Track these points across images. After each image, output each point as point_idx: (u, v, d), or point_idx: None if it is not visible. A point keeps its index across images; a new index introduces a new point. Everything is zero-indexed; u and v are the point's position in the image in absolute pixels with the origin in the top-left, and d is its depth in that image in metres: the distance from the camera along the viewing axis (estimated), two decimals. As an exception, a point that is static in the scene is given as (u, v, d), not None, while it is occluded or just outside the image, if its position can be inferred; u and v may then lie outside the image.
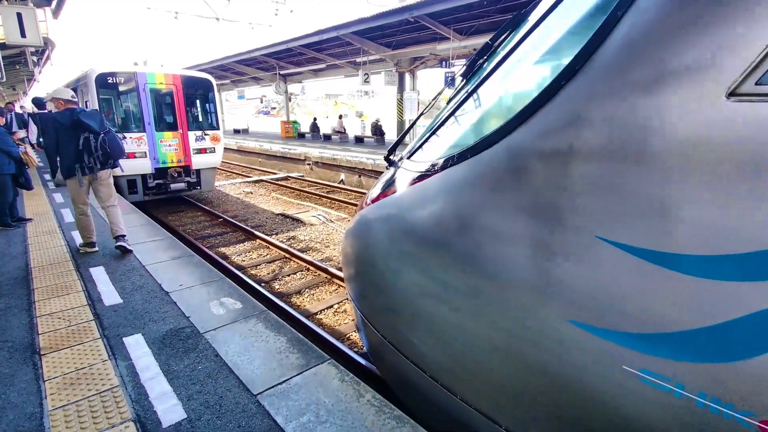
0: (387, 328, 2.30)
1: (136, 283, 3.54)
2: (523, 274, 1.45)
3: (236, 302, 3.19)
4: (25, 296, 3.29)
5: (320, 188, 13.69)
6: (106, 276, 3.68)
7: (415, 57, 15.38)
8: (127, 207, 6.67)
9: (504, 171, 1.55)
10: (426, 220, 1.94)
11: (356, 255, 2.62)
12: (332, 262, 7.01)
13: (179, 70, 10.10)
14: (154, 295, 3.32)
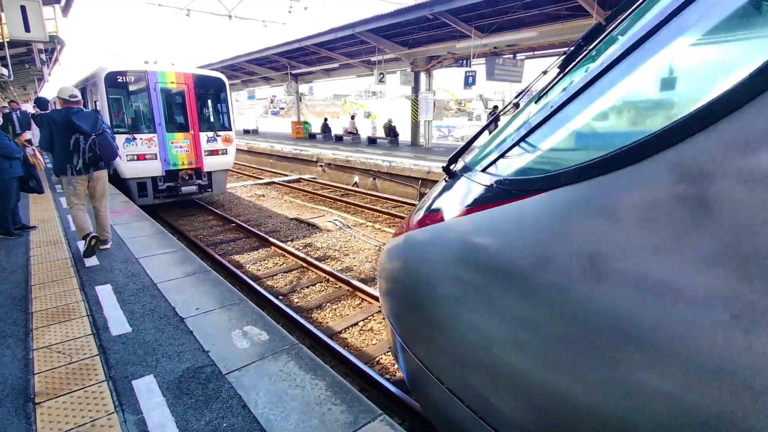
0: (438, 365, 1.91)
1: (147, 306, 3.13)
2: (695, 343, 1.00)
3: (262, 332, 2.75)
4: (22, 322, 2.89)
5: (334, 191, 13.28)
6: (113, 297, 3.27)
7: (432, 56, 14.92)
8: (136, 213, 6.28)
9: (670, 197, 1.09)
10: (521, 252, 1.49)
11: (403, 278, 2.19)
12: (353, 273, 6.58)
13: (191, 69, 9.73)
14: (167, 321, 2.90)
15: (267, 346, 2.60)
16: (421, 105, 15.73)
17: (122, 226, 5.43)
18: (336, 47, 16.00)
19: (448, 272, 1.92)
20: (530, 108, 2.02)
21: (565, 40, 10.49)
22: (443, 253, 1.95)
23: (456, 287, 1.86)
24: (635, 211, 1.14)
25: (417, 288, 2.12)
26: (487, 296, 1.65)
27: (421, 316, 2.05)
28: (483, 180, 1.82)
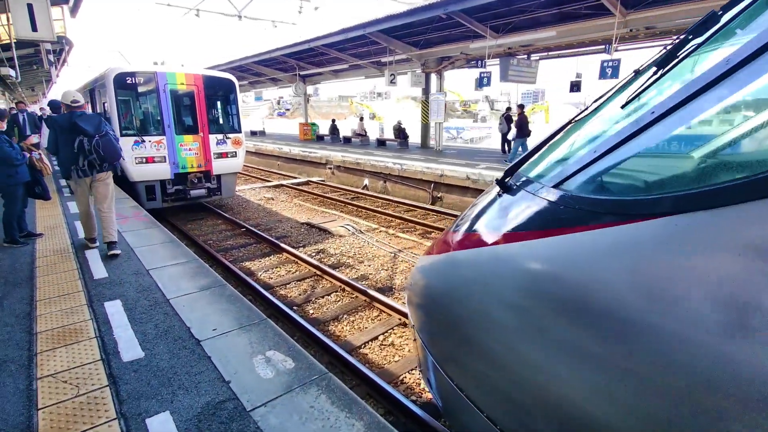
0: (479, 393, 1.73)
1: (161, 326, 2.89)
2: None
3: (286, 358, 2.50)
4: (26, 344, 2.66)
5: (344, 194, 13.04)
6: (123, 315, 3.03)
7: (443, 57, 14.65)
8: (146, 219, 6.06)
9: None
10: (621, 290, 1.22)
11: (445, 299, 1.98)
12: (369, 282, 6.33)
13: (200, 70, 9.53)
14: (182, 345, 2.66)
15: (294, 375, 2.35)
16: (432, 106, 15.46)
17: (132, 234, 5.20)
18: (346, 48, 15.77)
19: (507, 300, 1.67)
20: (611, 111, 1.76)
21: (583, 39, 10.19)
22: (503, 279, 1.69)
23: (516, 317, 1.61)
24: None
25: (462, 311, 1.89)
26: (561, 333, 1.38)
27: (463, 340, 1.86)
28: (560, 198, 1.55)
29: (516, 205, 1.81)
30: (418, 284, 2.33)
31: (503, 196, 1.98)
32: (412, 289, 2.37)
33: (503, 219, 1.82)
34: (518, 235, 1.67)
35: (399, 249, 7.77)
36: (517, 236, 1.68)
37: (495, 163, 12.31)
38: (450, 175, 11.24)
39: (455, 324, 1.93)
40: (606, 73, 8.80)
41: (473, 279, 1.87)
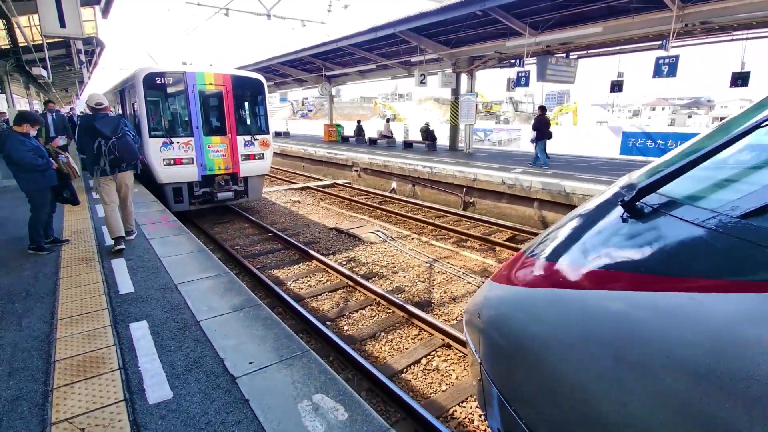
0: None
1: (191, 356, 2.53)
2: None
3: (337, 405, 2.10)
4: (42, 376, 2.34)
5: (371, 198, 12.67)
6: (150, 340, 2.69)
7: (475, 56, 14.11)
8: (174, 225, 5.80)
9: None
10: None
11: (535, 343, 1.62)
12: (405, 295, 5.90)
13: (229, 70, 9.31)
14: (216, 383, 2.29)
15: (348, 429, 1.94)
16: (462, 107, 14.93)
17: (159, 242, 4.92)
18: (374, 47, 15.41)
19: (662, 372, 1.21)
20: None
21: (631, 36, 9.52)
22: (648, 341, 1.23)
23: (673, 399, 1.15)
24: None
25: (566, 365, 1.49)
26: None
27: (555, 391, 1.50)
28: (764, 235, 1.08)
29: (668, 238, 1.35)
30: (492, 314, 2.07)
31: (636, 223, 1.52)
32: (482, 319, 2.11)
33: (650, 256, 1.36)
34: (683, 283, 1.21)
35: (434, 258, 7.32)
36: (680, 284, 1.22)
37: (530, 167, 11.71)
38: (484, 180, 10.71)
39: (547, 372, 1.57)
40: (662, 71, 8.13)
41: (596, 332, 1.43)
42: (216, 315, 3.06)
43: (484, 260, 7.28)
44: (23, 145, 4.23)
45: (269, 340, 2.71)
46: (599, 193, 2.33)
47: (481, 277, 6.44)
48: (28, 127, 4.40)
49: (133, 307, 3.18)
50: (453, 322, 5.12)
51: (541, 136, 11.67)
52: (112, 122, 4.67)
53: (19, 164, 4.21)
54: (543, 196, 9.34)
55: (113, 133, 4.62)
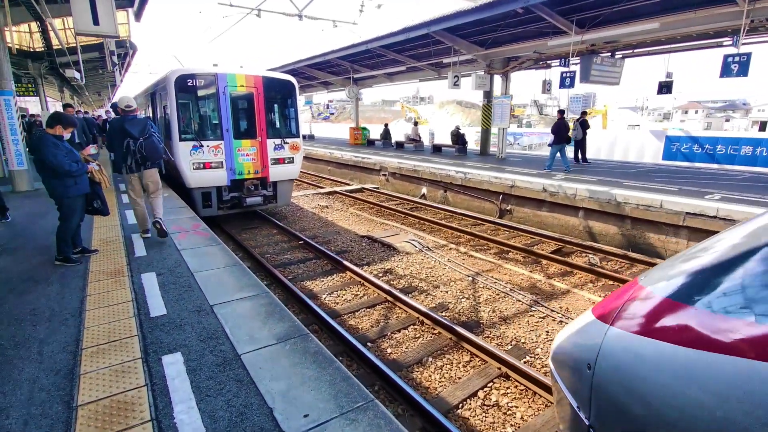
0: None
1: (234, 404, 2.12)
2: None
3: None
4: (63, 427, 1.96)
5: (402, 204, 12.21)
6: (186, 380, 2.30)
7: (510, 57, 13.53)
8: (206, 235, 5.47)
9: None
10: None
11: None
12: (450, 313, 5.41)
13: (261, 71, 9.03)
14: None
15: None
16: (496, 110, 14.34)
17: (191, 253, 4.59)
18: (405, 49, 14.99)
19: None
20: None
21: (690, 32, 8.79)
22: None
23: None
24: None
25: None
26: None
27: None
28: None
29: None
30: (623, 375, 1.69)
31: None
32: (599, 373, 1.77)
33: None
34: None
35: (476, 272, 6.80)
36: None
37: (572, 174, 11.04)
38: (522, 186, 10.12)
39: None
40: (730, 70, 7.40)
41: None
42: (259, 347, 2.65)
43: (531, 274, 6.72)
44: (57, 149, 3.96)
45: (324, 385, 2.28)
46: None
47: (531, 294, 5.90)
48: (61, 130, 4.13)
49: (165, 334, 2.81)
50: (508, 347, 4.61)
51: (559, 140, 11.43)
52: (140, 124, 5.06)
53: (53, 170, 3.95)
54: (590, 205, 8.69)
55: (141, 134, 5.01)
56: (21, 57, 10.87)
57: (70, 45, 10.42)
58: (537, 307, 5.55)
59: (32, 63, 10.93)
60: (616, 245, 8.19)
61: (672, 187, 8.77)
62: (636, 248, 7.87)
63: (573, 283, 6.41)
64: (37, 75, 11.26)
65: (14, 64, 11.39)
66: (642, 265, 7.08)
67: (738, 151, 14.84)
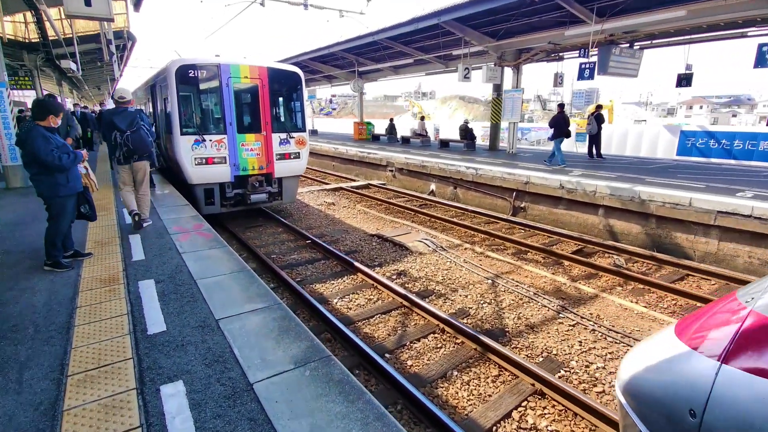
0: None
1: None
2: None
3: None
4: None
5: (410, 201, 11.81)
6: (189, 418, 1.91)
7: (522, 49, 13.05)
8: (208, 236, 5.07)
9: None
10: None
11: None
12: (471, 320, 5.02)
13: (266, 62, 8.60)
14: None
15: None
16: (506, 104, 13.89)
17: (193, 257, 4.20)
18: (413, 40, 14.51)
19: None
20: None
21: (717, 21, 8.33)
22: None
23: None
24: None
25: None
26: None
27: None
28: None
29: None
30: (738, 423, 1.41)
31: None
32: (712, 424, 1.45)
33: None
34: None
35: (495, 273, 6.41)
36: None
37: (588, 170, 10.61)
38: (538, 183, 9.70)
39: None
40: (766, 60, 6.97)
41: None
42: (274, 373, 2.26)
43: (554, 277, 6.32)
44: (48, 143, 3.57)
45: (356, 425, 1.89)
46: None
47: (556, 299, 5.51)
48: (54, 119, 3.74)
49: (164, 356, 2.42)
50: (539, 359, 4.22)
51: (558, 133, 11.46)
52: (129, 117, 5.13)
53: (45, 165, 3.56)
54: (611, 203, 8.28)
55: (128, 127, 5.08)
56: (16, 48, 10.47)
57: (67, 36, 10.01)
58: (565, 313, 5.16)
59: (27, 54, 10.53)
60: (639, 245, 7.78)
61: (698, 184, 8.33)
62: (661, 248, 7.47)
63: (600, 287, 6.01)
64: (33, 67, 10.86)
65: (8, 55, 10.97)
66: (670, 266, 6.68)
67: (756, 146, 14.36)
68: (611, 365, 4.11)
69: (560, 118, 11.52)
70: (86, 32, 9.49)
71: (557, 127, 11.48)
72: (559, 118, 11.51)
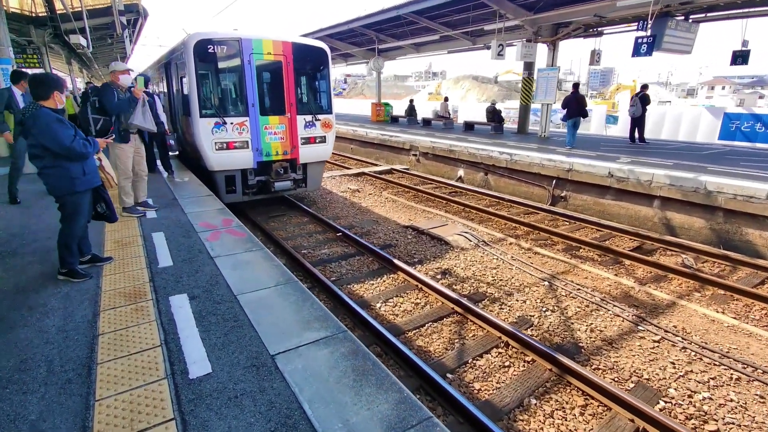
0: None
1: None
2: None
3: None
4: None
5: (439, 188, 11.12)
6: None
7: (560, 23, 12.06)
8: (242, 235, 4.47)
9: None
10: None
11: None
12: (536, 332, 4.42)
13: (290, 37, 7.85)
14: None
15: None
16: (540, 84, 12.97)
17: (229, 263, 3.61)
18: (440, 15, 13.53)
19: None
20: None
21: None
22: None
23: None
24: None
25: None
26: None
27: None
28: None
29: None
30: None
31: None
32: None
33: None
34: None
35: (550, 274, 5.77)
36: None
37: (634, 155, 9.78)
38: (582, 171, 8.94)
39: None
40: None
41: None
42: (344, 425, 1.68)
43: (618, 279, 5.66)
44: (67, 129, 2.98)
45: None
46: None
47: (628, 306, 4.87)
48: (59, 97, 3.12)
49: (215, 415, 1.84)
50: (629, 385, 3.62)
51: (571, 113, 11.15)
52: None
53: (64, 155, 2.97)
54: (670, 194, 7.52)
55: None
56: (22, 23, 9.82)
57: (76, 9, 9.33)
58: (644, 325, 4.52)
59: (35, 30, 9.88)
60: (701, 241, 7.06)
61: (764, 172, 7.53)
62: (729, 245, 6.75)
63: (674, 292, 5.35)
64: (41, 44, 10.22)
65: (15, 30, 10.33)
66: (747, 268, 5.97)
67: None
68: (718, 395, 3.48)
69: (572, 98, 11.11)
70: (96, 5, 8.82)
71: (569, 108, 11.14)
72: (571, 99, 11.11)
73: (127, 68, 4.86)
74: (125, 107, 4.63)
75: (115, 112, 4.60)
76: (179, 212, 5.17)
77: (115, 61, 5.03)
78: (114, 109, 4.54)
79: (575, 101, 11.12)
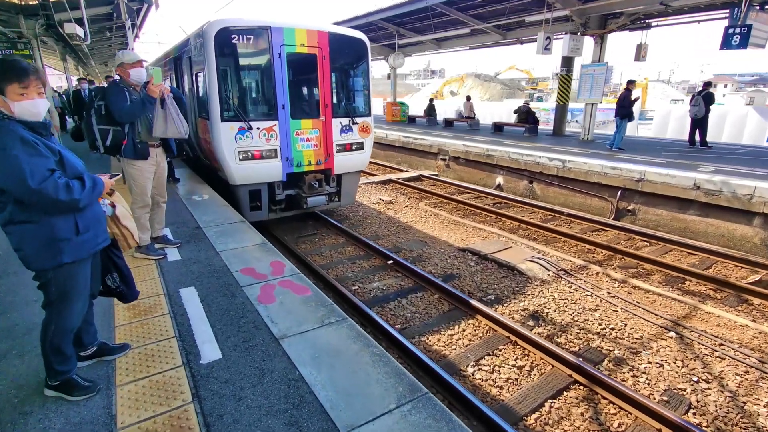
0: None
1: None
2: None
3: None
4: None
5: (479, 198, 9.93)
6: None
7: (609, 14, 10.89)
8: (307, 290, 3.24)
9: None
10: None
11: None
12: (703, 418, 3.21)
13: (326, 26, 6.62)
14: None
15: None
16: (585, 82, 11.80)
17: (302, 349, 2.37)
18: (473, 6, 12.33)
19: None
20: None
21: None
22: None
23: None
24: None
25: None
26: None
27: None
28: None
29: None
30: None
31: None
32: None
33: None
34: None
35: (670, 320, 4.59)
36: None
37: (706, 161, 8.58)
38: (656, 181, 7.76)
39: None
40: None
41: None
42: None
43: (760, 327, 4.48)
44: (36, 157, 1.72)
45: None
46: None
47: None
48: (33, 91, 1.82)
49: None
50: None
51: (626, 113, 10.32)
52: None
53: (35, 201, 1.73)
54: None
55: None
56: (10, 12, 8.59)
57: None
58: None
59: (25, 20, 8.65)
60: (824, 269, 5.89)
61: None
62: None
63: None
64: (32, 36, 8.98)
65: (2, 21, 9.07)
66: None
67: None
68: None
69: (627, 94, 10.23)
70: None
71: (624, 105, 10.26)
72: (627, 95, 10.22)
73: (140, 59, 3.61)
74: (140, 111, 3.39)
75: (128, 119, 3.38)
76: (209, 249, 3.94)
77: (122, 50, 3.80)
78: (126, 116, 3.32)
79: (625, 100, 10.16)
